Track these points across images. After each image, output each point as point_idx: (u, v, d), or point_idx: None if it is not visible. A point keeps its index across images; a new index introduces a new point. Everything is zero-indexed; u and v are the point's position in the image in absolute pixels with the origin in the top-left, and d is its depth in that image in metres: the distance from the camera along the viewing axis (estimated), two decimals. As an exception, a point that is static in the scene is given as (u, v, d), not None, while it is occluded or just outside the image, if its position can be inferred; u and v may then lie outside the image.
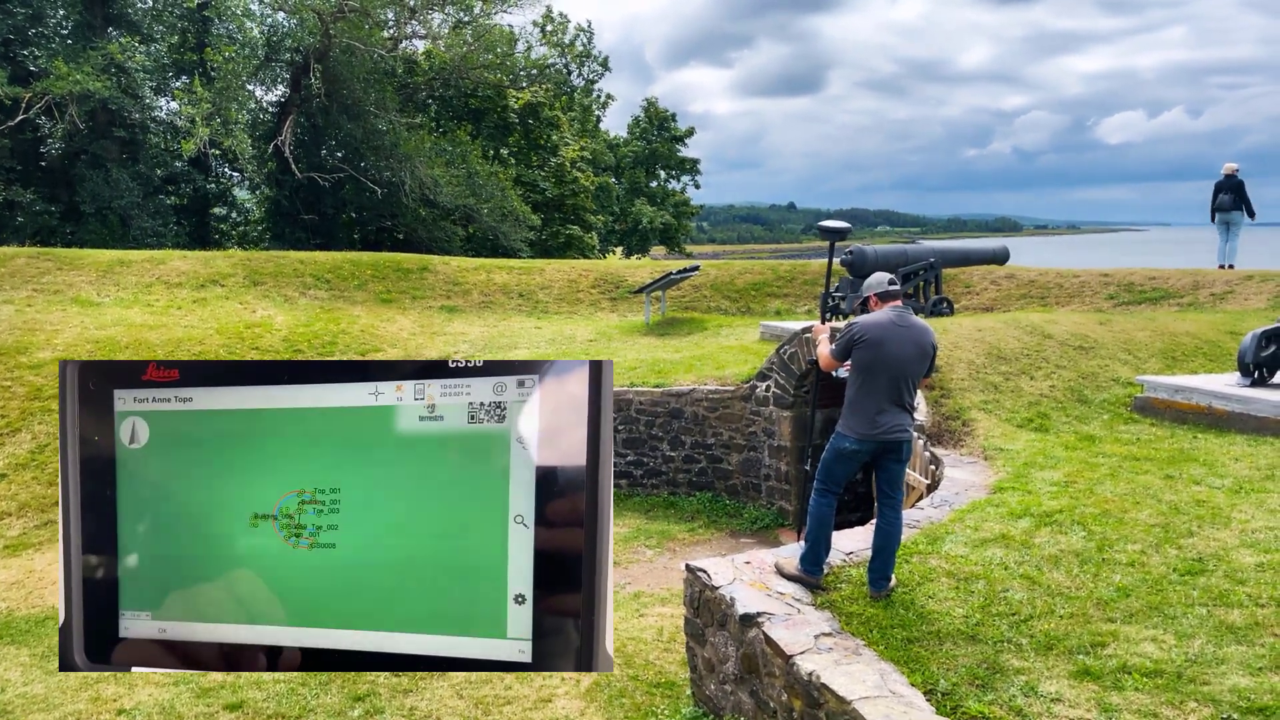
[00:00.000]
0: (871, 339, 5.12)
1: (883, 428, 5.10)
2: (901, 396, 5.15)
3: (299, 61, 24.36)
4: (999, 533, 5.99)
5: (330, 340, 14.32)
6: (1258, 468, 7.08)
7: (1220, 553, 5.51)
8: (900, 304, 5.36)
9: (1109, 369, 9.86)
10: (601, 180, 45.67)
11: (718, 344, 14.70)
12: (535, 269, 19.15)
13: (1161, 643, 4.50)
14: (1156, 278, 15.31)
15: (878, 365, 5.10)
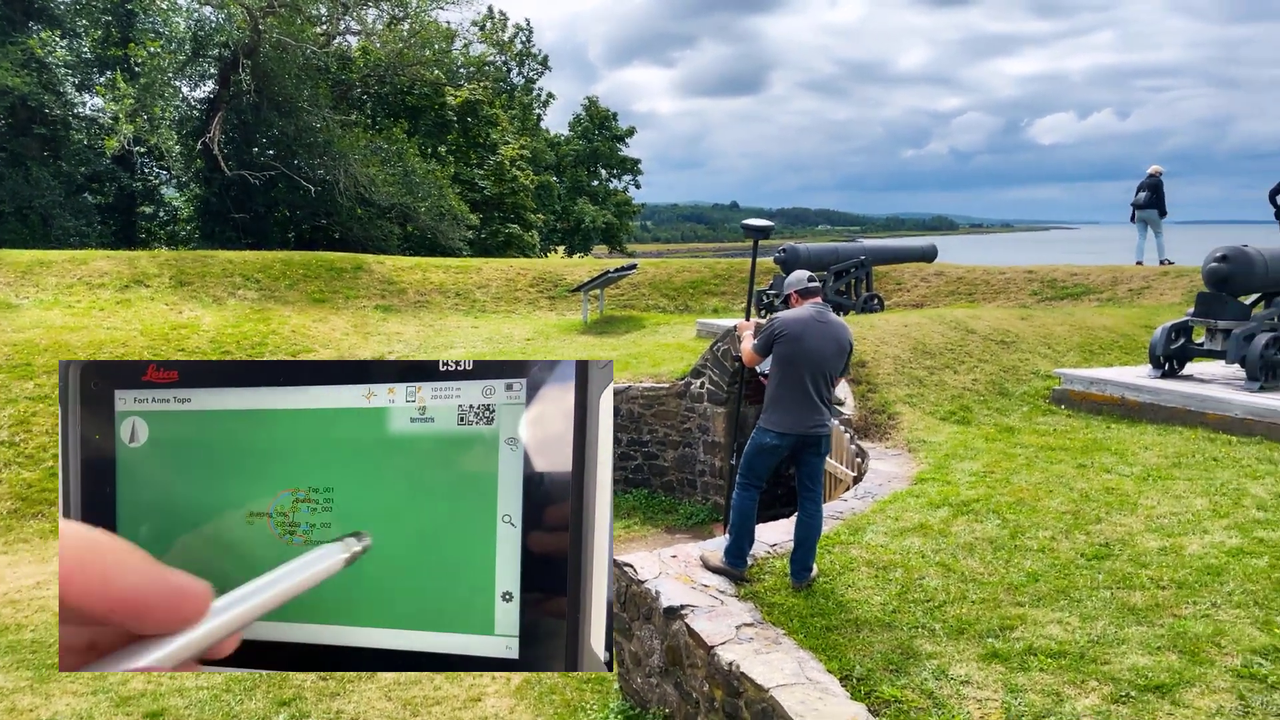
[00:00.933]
0: (791, 334, 5.22)
1: (802, 422, 5.20)
2: (820, 391, 5.26)
3: (228, 57, 23.84)
4: (918, 522, 6.15)
5: (260, 341, 14.07)
6: (1165, 456, 7.36)
7: (1126, 538, 5.72)
8: (820, 301, 5.46)
9: (1029, 362, 10.15)
10: (543, 179, 45.52)
11: (655, 342, 14.77)
12: (472, 268, 19.04)
13: (1066, 625, 4.67)
14: (1078, 274, 15.79)
15: (797, 360, 5.19)
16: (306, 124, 24.86)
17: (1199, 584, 5.01)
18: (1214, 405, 8.03)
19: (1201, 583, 5.02)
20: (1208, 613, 4.70)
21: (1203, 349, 8.85)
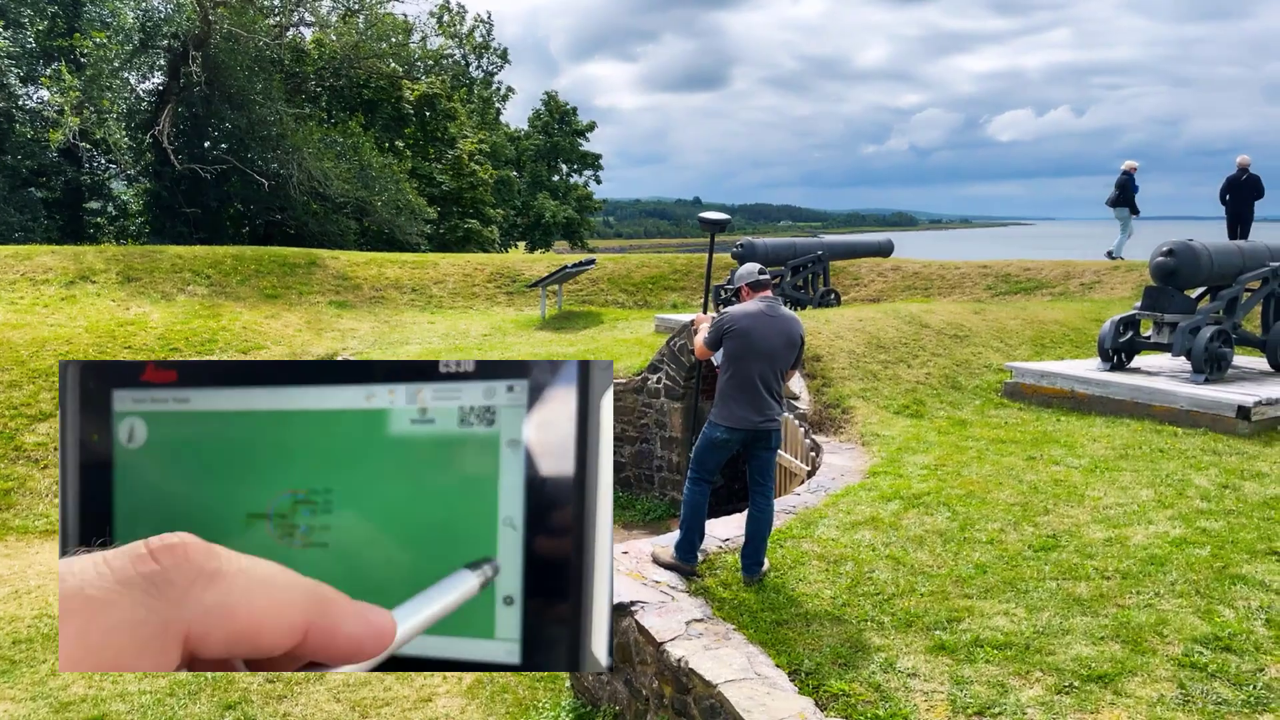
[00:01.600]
0: (740, 329, 5.19)
1: (752, 417, 5.18)
2: (770, 386, 5.23)
3: (177, 48, 23.33)
4: (869, 515, 6.16)
5: (209, 338, 13.80)
6: (1113, 448, 7.45)
7: (1073, 529, 5.78)
8: (770, 294, 5.42)
9: (982, 356, 10.25)
10: (503, 174, 45.23)
11: (613, 337, 14.72)
12: (429, 263, 18.84)
13: (1013, 616, 4.70)
14: (1031, 269, 15.99)
15: (747, 355, 5.16)
16: (259, 117, 24.42)
17: (1143, 574, 5.07)
18: (1160, 397, 8.15)
19: (1145, 573, 5.09)
20: (1151, 602, 4.75)
21: (1150, 342, 8.99)
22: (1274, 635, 4.35)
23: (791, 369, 5.48)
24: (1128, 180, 15.93)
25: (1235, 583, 4.92)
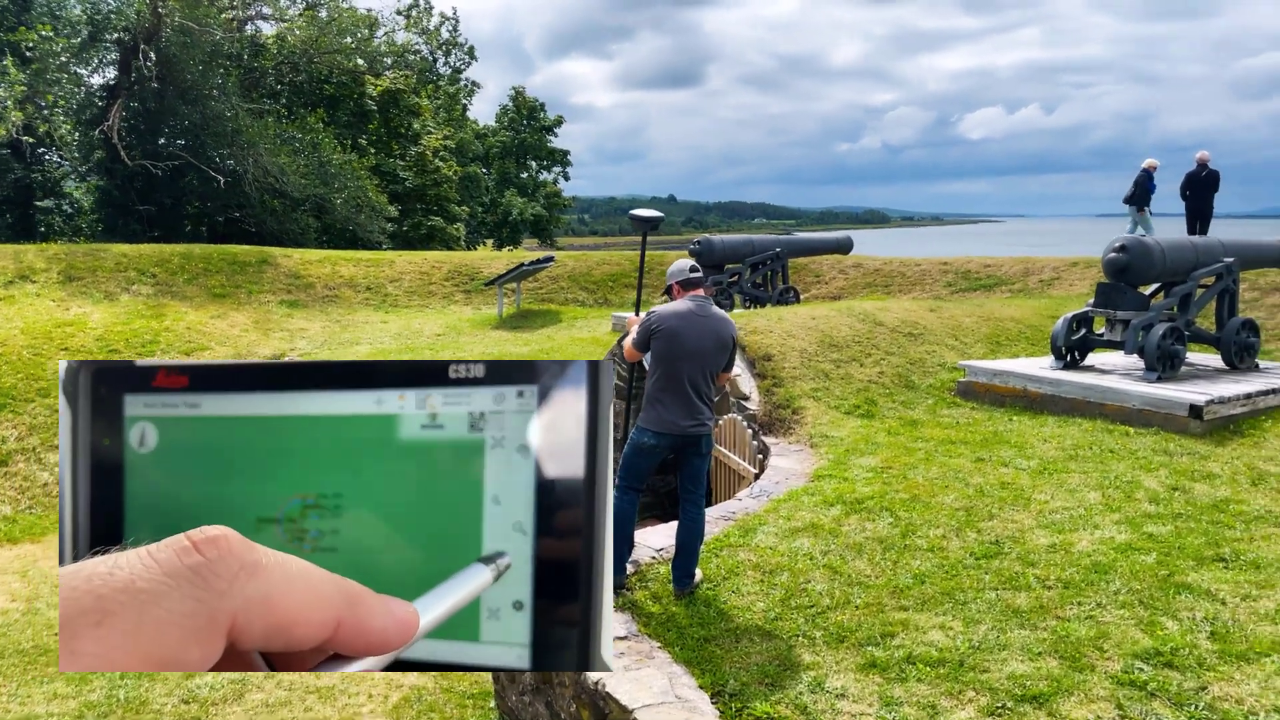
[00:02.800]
0: (668, 329, 4.93)
1: (681, 421, 4.93)
2: (700, 389, 4.98)
3: (128, 42, 22.74)
4: (810, 521, 5.94)
5: (151, 339, 13.37)
6: (1063, 448, 7.28)
7: (1017, 535, 5.58)
8: (702, 293, 5.17)
9: (936, 354, 10.07)
10: (469, 171, 44.74)
11: (570, 336, 14.46)
12: (385, 261, 18.46)
13: (949, 629, 4.48)
14: (991, 265, 15.88)
15: (675, 356, 4.92)
16: (214, 112, 23.88)
17: (1085, 583, 4.88)
18: (1112, 396, 8.00)
19: (1088, 581, 4.89)
20: (1092, 614, 4.56)
21: (1103, 340, 8.85)
22: (1218, 649, 4.16)
23: (724, 371, 5.20)
24: (1145, 178, 15.78)
25: (1180, 591, 4.74)
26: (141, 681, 6.57)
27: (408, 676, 6.66)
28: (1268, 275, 12.61)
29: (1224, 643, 4.20)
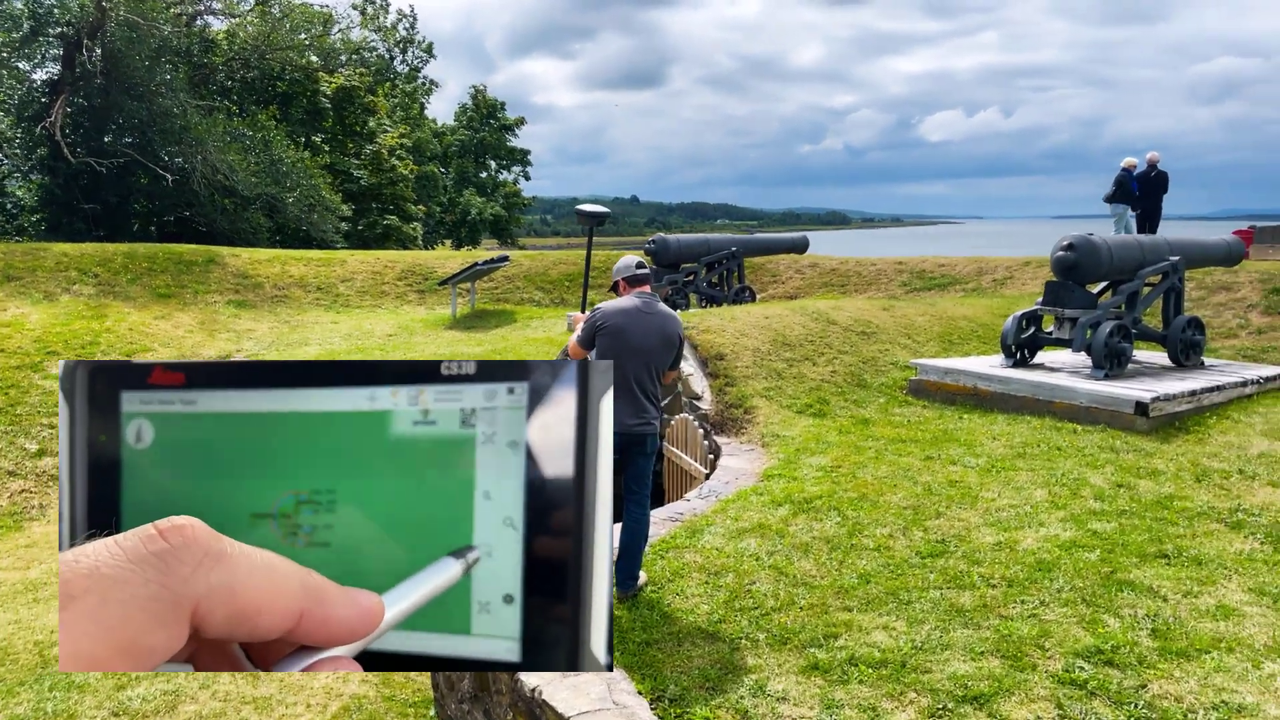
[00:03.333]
0: (612, 326, 4.85)
1: (624, 420, 4.83)
2: (645, 387, 4.89)
3: (71, 36, 22.15)
4: (757, 522, 5.86)
5: (91, 340, 12.99)
6: (1012, 446, 7.29)
7: (963, 533, 5.55)
8: (649, 290, 5.09)
9: (889, 353, 10.07)
10: (427, 170, 44.29)
11: (523, 336, 14.30)
12: (336, 260, 18.15)
13: (892, 630, 4.42)
14: (945, 264, 15.98)
15: (620, 354, 4.82)
16: (162, 109, 23.35)
17: (1029, 581, 4.85)
18: (1061, 394, 8.03)
19: (1032, 579, 4.87)
20: (1035, 612, 4.52)
21: (1052, 338, 8.89)
22: (1158, 646, 4.14)
23: (670, 369, 5.10)
24: (1126, 177, 15.83)
25: (1123, 589, 4.73)
26: (70, 694, 6.33)
27: (348, 685, 6.49)
28: (1214, 274, 12.81)
29: (1164, 640, 4.19)
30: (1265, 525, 5.58)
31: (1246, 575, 4.91)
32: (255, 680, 6.31)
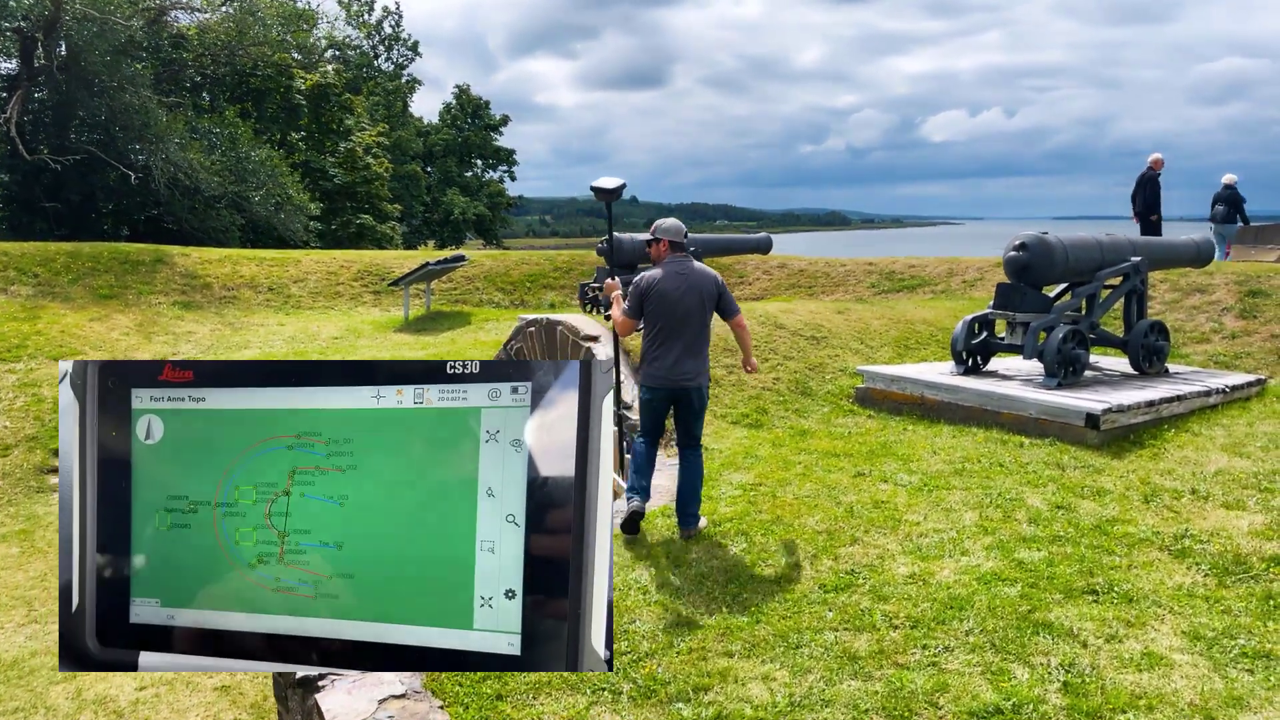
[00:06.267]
0: (656, 292, 5.36)
1: (672, 376, 5.37)
2: (689, 344, 5.38)
3: (27, 31, 21.59)
4: (654, 549, 5.33)
5: (19, 343, 12.43)
6: (951, 461, 6.76)
7: (876, 563, 5.02)
8: (682, 255, 5.52)
9: (839, 359, 9.54)
10: (409, 169, 43.73)
11: (474, 339, 13.77)
12: (290, 260, 17.61)
13: (771, 681, 3.89)
14: (916, 265, 15.45)
15: (665, 315, 5.35)
16: (124, 105, 22.77)
17: (936, 621, 4.31)
18: (1009, 404, 7.50)
19: (940, 619, 4.33)
20: (936, 659, 3.99)
21: (1004, 343, 8.36)
22: (1067, 705, 3.61)
23: (730, 317, 5.61)
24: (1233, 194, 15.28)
25: (1039, 631, 4.19)
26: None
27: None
28: (1189, 275, 12.27)
29: (1076, 697, 3.65)
30: (1212, 554, 5.05)
31: (1182, 615, 4.37)
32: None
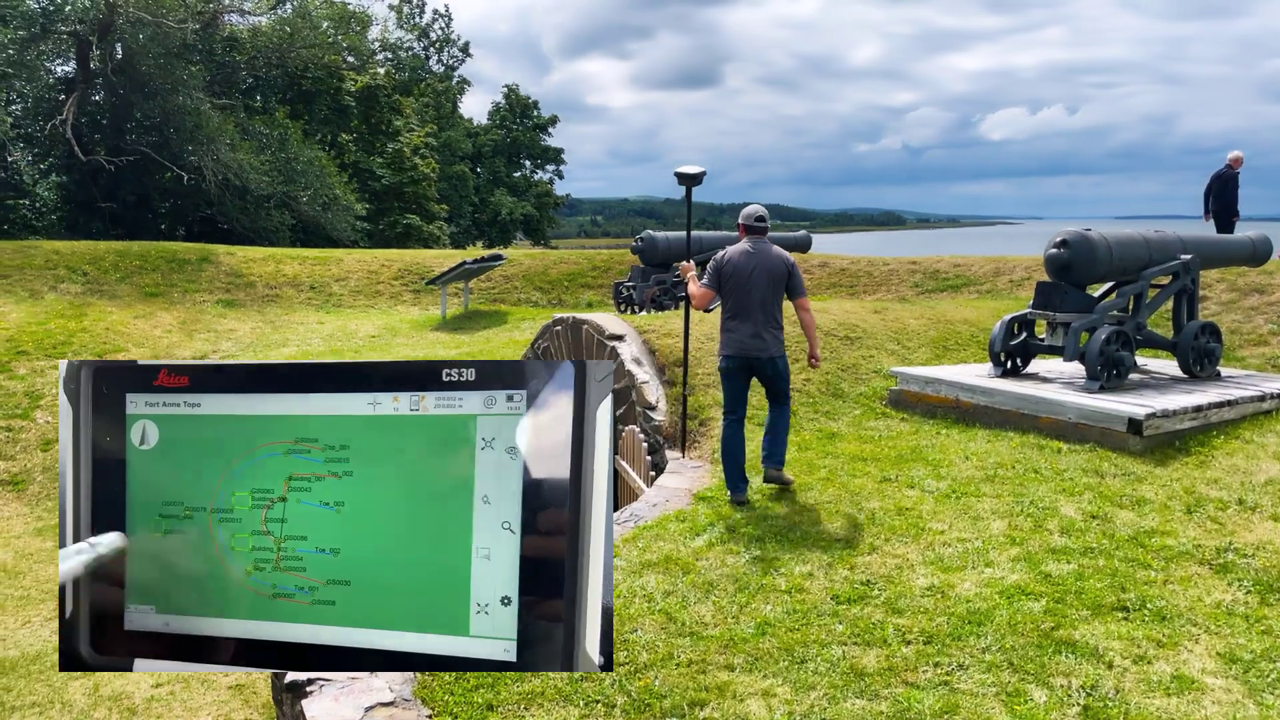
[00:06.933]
0: (731, 268, 5.87)
1: (748, 345, 5.86)
2: (763, 316, 5.83)
3: (83, 35, 22.12)
4: (665, 554, 5.16)
5: (64, 340, 12.68)
6: (983, 467, 6.48)
7: (894, 573, 4.80)
8: (759, 237, 6.02)
9: (873, 360, 9.27)
10: (456, 169, 44.04)
11: (508, 339, 13.72)
12: (333, 259, 17.77)
13: (771, 698, 3.70)
14: (961, 265, 15.05)
15: (741, 288, 5.84)
16: (178, 107, 23.23)
17: (953, 637, 4.09)
18: (1047, 408, 7.19)
19: (956, 635, 4.10)
20: (948, 678, 3.77)
21: (1044, 345, 8.03)
22: (1086, 730, 3.37)
23: (797, 297, 6.00)
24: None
25: (1061, 650, 3.95)
26: None
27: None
28: (1247, 275, 11.74)
29: (1096, 721, 3.41)
30: (1256, 570, 4.74)
31: (1219, 635, 4.09)
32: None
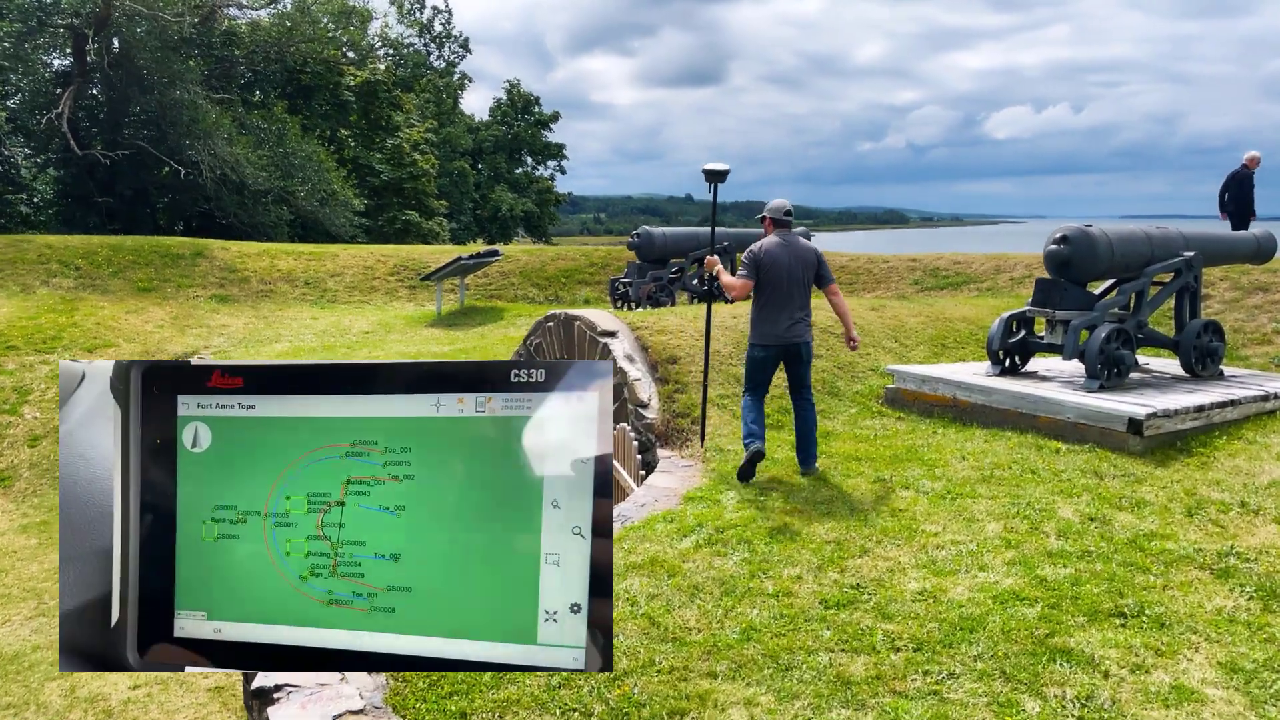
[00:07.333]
0: (769, 258, 6.14)
1: (782, 334, 6.13)
2: (798, 305, 6.15)
3: (79, 28, 21.98)
4: (651, 556, 5.03)
5: (54, 335, 12.56)
6: (979, 467, 6.34)
7: (884, 577, 4.66)
8: (787, 230, 6.34)
9: (870, 358, 9.13)
10: (458, 165, 43.88)
11: (503, 335, 13.59)
12: (328, 255, 17.63)
13: (754, 706, 3.57)
14: (961, 262, 14.89)
15: (774, 280, 6.12)
16: (174, 101, 23.09)
17: (943, 644, 3.95)
18: (1045, 407, 7.04)
19: (948, 642, 3.97)
20: (938, 687, 3.63)
21: (1043, 343, 7.88)
22: (1080, 743, 3.23)
23: (826, 285, 6.35)
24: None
25: (1056, 658, 3.81)
26: None
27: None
28: (1251, 273, 11.59)
29: (1090, 735, 3.27)
30: (1258, 575, 4.60)
31: (1219, 643, 3.95)
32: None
